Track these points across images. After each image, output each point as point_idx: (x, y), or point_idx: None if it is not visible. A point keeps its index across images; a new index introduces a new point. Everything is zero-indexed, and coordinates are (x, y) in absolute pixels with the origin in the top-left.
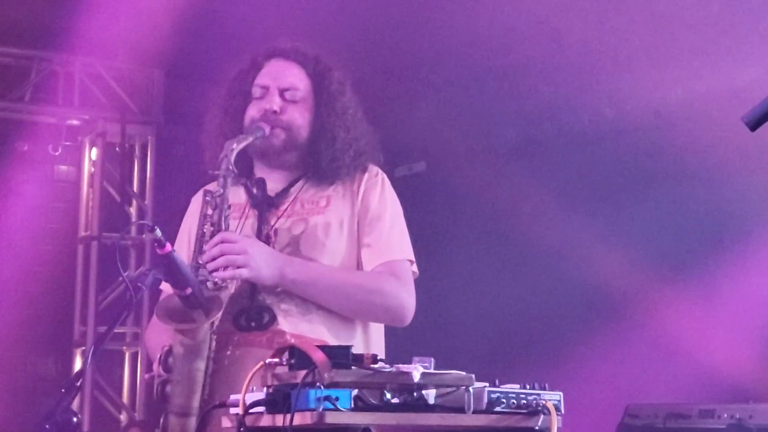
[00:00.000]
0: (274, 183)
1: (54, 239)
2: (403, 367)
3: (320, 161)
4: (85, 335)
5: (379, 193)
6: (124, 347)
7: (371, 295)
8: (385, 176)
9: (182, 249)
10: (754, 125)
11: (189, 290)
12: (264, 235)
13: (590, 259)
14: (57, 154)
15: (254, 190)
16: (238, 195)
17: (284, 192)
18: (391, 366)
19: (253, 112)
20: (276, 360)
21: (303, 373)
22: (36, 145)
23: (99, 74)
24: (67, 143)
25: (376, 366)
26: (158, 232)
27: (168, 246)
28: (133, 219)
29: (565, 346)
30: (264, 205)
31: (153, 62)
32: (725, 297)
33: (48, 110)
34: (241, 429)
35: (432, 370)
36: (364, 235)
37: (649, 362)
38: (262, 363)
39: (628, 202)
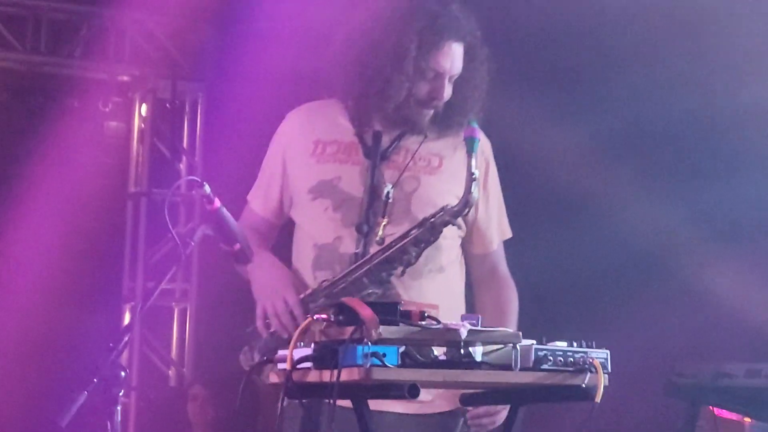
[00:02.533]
0: (385, 129)
1: (103, 195)
2: (451, 324)
3: (450, 116)
4: (134, 291)
5: (492, 169)
6: (173, 303)
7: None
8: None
9: (275, 173)
10: None
11: (237, 246)
12: (383, 194)
13: (639, 219)
14: (107, 110)
15: (369, 142)
16: (341, 129)
17: (395, 144)
18: (439, 323)
19: (422, 92)
20: (324, 316)
21: (351, 329)
22: (86, 101)
23: (150, 30)
24: (118, 99)
25: (423, 323)
26: (207, 188)
27: (217, 202)
28: (183, 175)
29: (612, 305)
30: (378, 157)
31: (204, 18)
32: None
33: (98, 66)
34: (288, 384)
35: (479, 328)
36: (479, 212)
37: (696, 322)
38: (309, 318)
39: (678, 168)
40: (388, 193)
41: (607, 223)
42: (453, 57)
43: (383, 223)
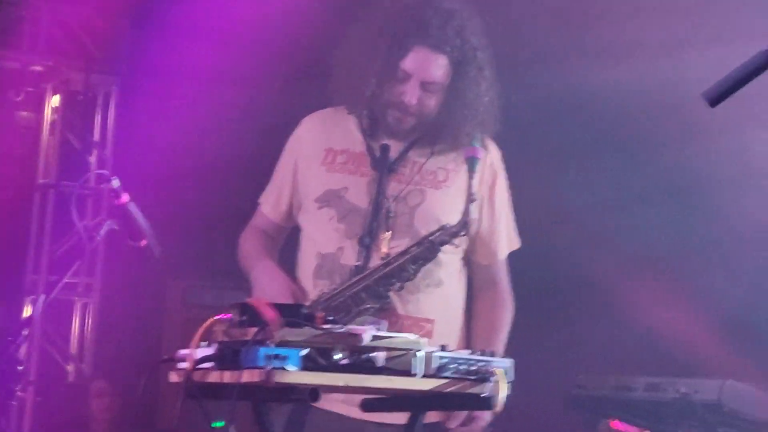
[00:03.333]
0: (393, 141)
1: (11, 185)
2: (354, 329)
3: (442, 130)
4: (36, 284)
5: (501, 180)
6: (75, 297)
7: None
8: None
9: (287, 178)
10: (713, 101)
11: (144, 242)
12: (385, 209)
13: (550, 235)
14: (19, 99)
15: (377, 154)
16: (352, 139)
17: (402, 156)
18: (343, 326)
19: (391, 95)
20: (226, 316)
21: (254, 330)
22: None
23: (65, 21)
24: (30, 89)
25: (327, 326)
26: (116, 183)
27: (125, 197)
28: (93, 168)
29: (519, 315)
30: (385, 170)
31: (120, 12)
32: (682, 276)
33: (11, 55)
34: (188, 383)
35: (383, 333)
36: (482, 225)
37: (602, 335)
38: (212, 318)
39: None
40: (388, 207)
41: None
42: (424, 62)
43: (387, 238)
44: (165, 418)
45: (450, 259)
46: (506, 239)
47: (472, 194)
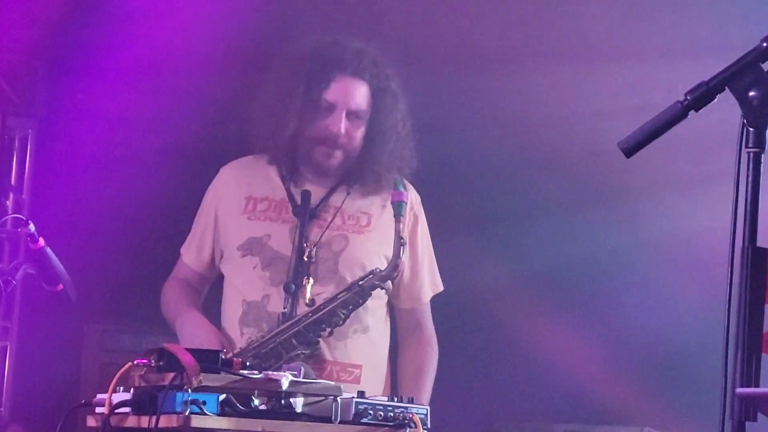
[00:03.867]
0: (314, 186)
1: None
2: (272, 375)
3: (364, 171)
4: None
5: (422, 223)
6: None
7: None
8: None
9: (208, 227)
10: (629, 152)
11: (60, 286)
12: (306, 254)
13: (463, 272)
14: None
15: (298, 201)
16: (272, 186)
17: (324, 202)
18: (260, 372)
19: (318, 129)
20: (144, 361)
21: (171, 375)
22: None
23: None
24: None
25: (245, 372)
26: (32, 227)
27: (41, 241)
28: (10, 212)
29: (438, 360)
30: (306, 216)
31: (37, 55)
32: (599, 323)
33: None
34: (105, 429)
35: (301, 379)
36: (405, 269)
37: (519, 381)
38: (129, 363)
39: (512, 225)
40: (310, 253)
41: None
42: (347, 90)
43: (310, 284)
44: None
45: (376, 305)
46: (429, 282)
47: (401, 238)
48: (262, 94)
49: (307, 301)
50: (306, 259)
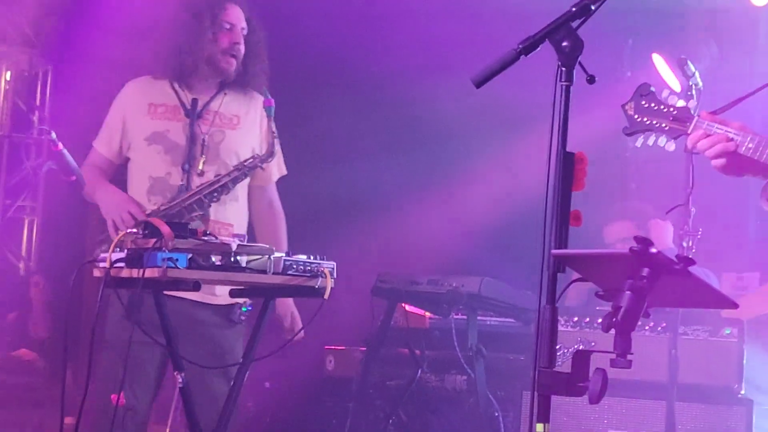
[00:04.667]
0: (199, 95)
1: None
2: (224, 239)
3: (239, 78)
4: None
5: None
6: (25, 216)
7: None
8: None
9: (116, 126)
10: (478, 84)
11: (74, 177)
12: (200, 143)
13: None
14: None
15: (188, 105)
16: (166, 95)
17: (207, 106)
18: (216, 238)
19: (225, 41)
20: (135, 230)
21: (153, 240)
22: None
23: (14, 19)
24: None
25: (205, 238)
26: (54, 135)
27: (60, 145)
28: (36, 125)
29: (342, 230)
30: (194, 117)
31: (55, 11)
32: (458, 201)
33: None
34: (107, 278)
35: (245, 243)
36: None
37: (403, 242)
38: (124, 231)
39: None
40: (203, 140)
41: (348, 171)
42: (238, 15)
43: (202, 160)
44: (89, 303)
45: (244, 182)
46: (277, 167)
47: (273, 132)
48: (173, 28)
49: (198, 171)
50: (198, 147)
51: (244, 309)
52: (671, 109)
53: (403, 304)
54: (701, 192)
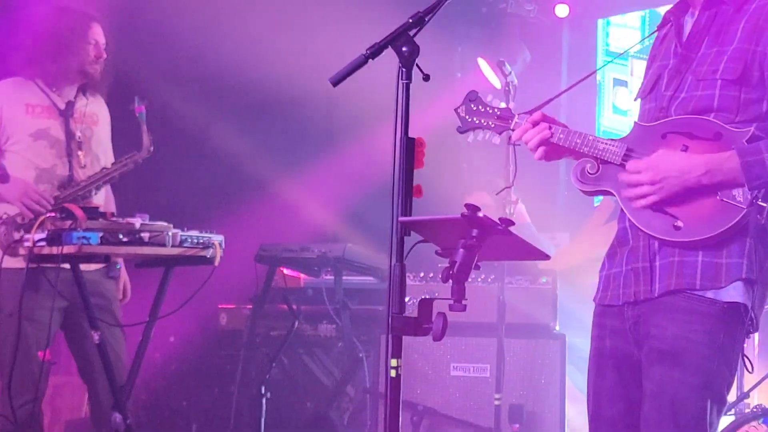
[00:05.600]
0: (67, 97)
1: None
2: (130, 220)
3: (100, 83)
4: None
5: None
6: None
7: None
8: None
9: None
10: (335, 83)
11: None
12: (76, 138)
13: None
14: None
15: (60, 106)
16: (38, 96)
17: (74, 105)
18: (123, 219)
19: (92, 53)
20: (52, 214)
21: (70, 222)
22: None
23: None
24: None
25: (113, 219)
26: None
27: None
28: None
29: (230, 206)
30: (67, 116)
31: None
32: (325, 180)
33: None
34: (30, 255)
35: (147, 222)
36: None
37: (280, 217)
38: (43, 216)
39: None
40: (78, 136)
41: (231, 157)
42: (99, 32)
43: (82, 154)
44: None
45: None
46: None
47: (146, 132)
48: (49, 38)
49: (81, 164)
50: (75, 140)
51: (117, 266)
52: (495, 110)
53: (281, 268)
54: (521, 172)
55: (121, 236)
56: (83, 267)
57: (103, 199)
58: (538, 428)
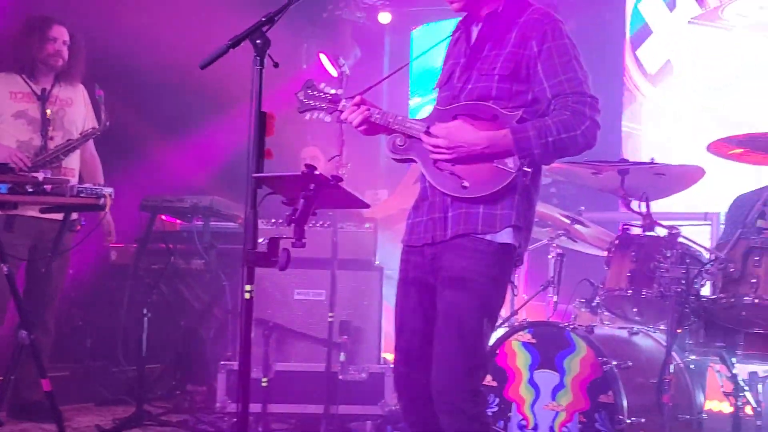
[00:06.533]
0: (44, 84)
1: None
2: (35, 174)
3: (67, 72)
4: None
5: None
6: None
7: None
8: None
9: None
10: (203, 66)
11: None
12: (50, 118)
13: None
14: None
15: (37, 92)
16: (20, 84)
17: (50, 93)
18: (29, 172)
19: (51, 49)
20: None
21: None
22: None
23: None
24: None
25: (22, 173)
26: None
27: None
28: None
29: (119, 163)
30: (44, 100)
31: None
32: (197, 143)
33: None
34: None
35: (49, 176)
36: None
37: (160, 172)
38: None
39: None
40: (50, 115)
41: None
42: (62, 31)
43: (51, 129)
44: None
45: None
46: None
47: (103, 110)
48: (20, 38)
49: (50, 138)
50: (50, 120)
51: (79, 223)
52: (327, 95)
53: (160, 216)
54: (351, 143)
55: (27, 188)
56: (50, 216)
57: (76, 163)
58: (362, 338)
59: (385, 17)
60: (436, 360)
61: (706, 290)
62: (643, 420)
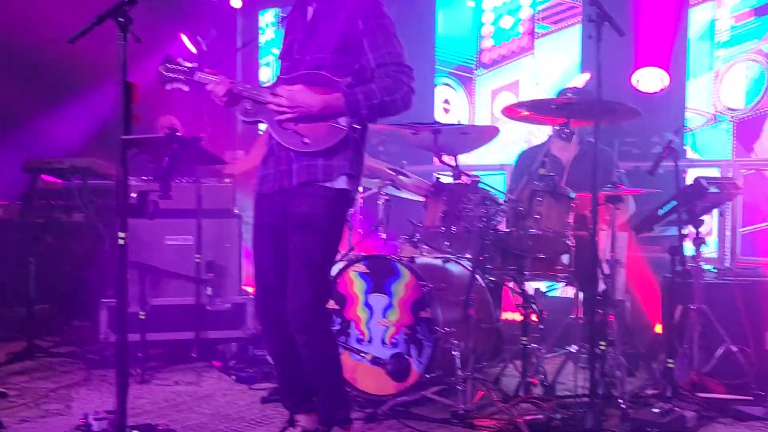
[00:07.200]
0: None
1: None
2: None
3: None
4: None
5: None
6: None
7: None
8: None
9: None
10: (71, 40)
11: None
12: None
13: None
14: None
15: None
16: None
17: None
18: None
19: None
20: None
21: None
22: None
23: None
24: None
25: None
26: None
27: None
28: None
29: (5, 128)
30: None
31: None
32: (75, 112)
33: None
34: None
35: None
36: None
37: (43, 137)
38: None
39: None
40: None
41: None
42: None
43: None
44: None
45: None
46: None
47: None
48: None
49: None
50: None
51: None
52: (184, 68)
53: (42, 176)
54: (216, 109)
55: None
56: None
57: None
58: (225, 276)
59: (236, 2)
60: (290, 287)
61: (502, 226)
62: (454, 330)
